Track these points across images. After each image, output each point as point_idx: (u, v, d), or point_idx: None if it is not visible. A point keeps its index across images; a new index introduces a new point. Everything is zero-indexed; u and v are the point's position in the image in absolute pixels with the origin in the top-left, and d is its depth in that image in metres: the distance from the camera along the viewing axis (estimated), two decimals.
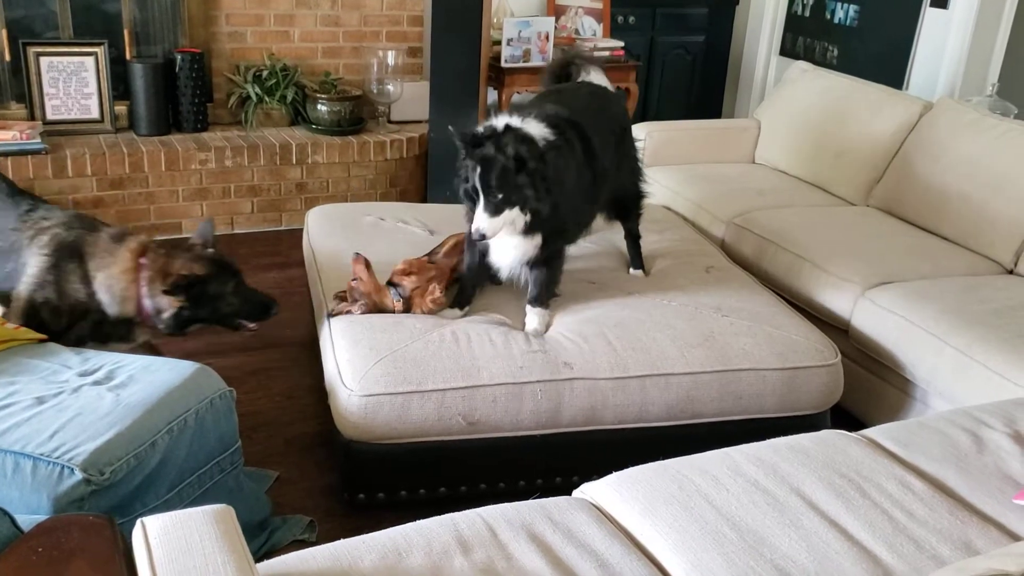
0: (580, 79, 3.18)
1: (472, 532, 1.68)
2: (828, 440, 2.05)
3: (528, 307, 2.71)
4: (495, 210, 2.42)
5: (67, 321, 2.59)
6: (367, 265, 2.67)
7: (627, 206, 3.13)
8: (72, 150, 4.19)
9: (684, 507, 1.78)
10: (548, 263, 2.70)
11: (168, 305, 2.54)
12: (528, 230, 2.54)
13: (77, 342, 2.55)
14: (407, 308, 2.69)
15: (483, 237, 2.46)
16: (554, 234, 2.64)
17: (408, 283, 2.70)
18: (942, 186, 3.52)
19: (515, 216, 2.46)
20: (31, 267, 2.55)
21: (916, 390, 2.89)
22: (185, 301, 2.53)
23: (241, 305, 2.64)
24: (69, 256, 2.56)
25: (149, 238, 2.65)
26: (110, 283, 2.54)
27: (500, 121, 2.46)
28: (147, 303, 2.55)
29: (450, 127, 2.48)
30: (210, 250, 2.65)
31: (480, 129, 2.45)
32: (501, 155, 2.37)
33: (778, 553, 1.66)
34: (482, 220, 2.43)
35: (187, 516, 1.44)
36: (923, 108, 3.83)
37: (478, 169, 2.39)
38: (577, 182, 2.64)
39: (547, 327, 2.69)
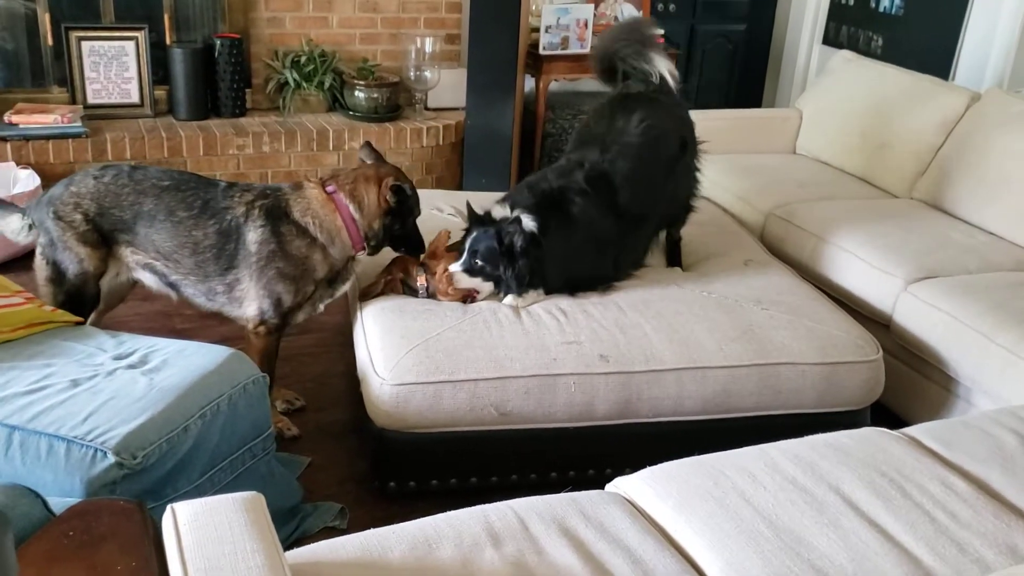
0: (636, 66, 3.08)
1: (503, 524, 1.66)
2: (868, 438, 2.00)
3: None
4: (470, 273, 2.67)
5: (305, 289, 2.64)
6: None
7: (674, 217, 3.13)
8: (112, 134, 4.22)
9: (720, 504, 1.74)
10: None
11: (376, 208, 2.60)
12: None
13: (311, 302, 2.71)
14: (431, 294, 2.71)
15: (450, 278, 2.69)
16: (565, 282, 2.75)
17: (435, 267, 2.72)
18: (989, 179, 3.43)
19: (486, 287, 2.70)
20: (252, 244, 2.58)
21: (959, 388, 2.82)
22: (395, 206, 2.61)
23: (414, 237, 2.73)
24: (279, 218, 2.60)
25: (314, 178, 2.73)
26: (320, 221, 2.60)
27: (504, 210, 2.70)
28: (357, 219, 2.61)
29: (468, 202, 2.81)
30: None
31: (490, 211, 2.72)
32: (495, 236, 2.64)
33: (816, 553, 1.63)
34: (457, 273, 2.67)
35: (217, 503, 1.44)
36: (971, 99, 3.74)
37: (472, 235, 2.68)
38: (581, 248, 2.76)
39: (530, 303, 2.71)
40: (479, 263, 2.65)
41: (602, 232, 2.77)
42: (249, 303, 2.63)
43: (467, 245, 2.67)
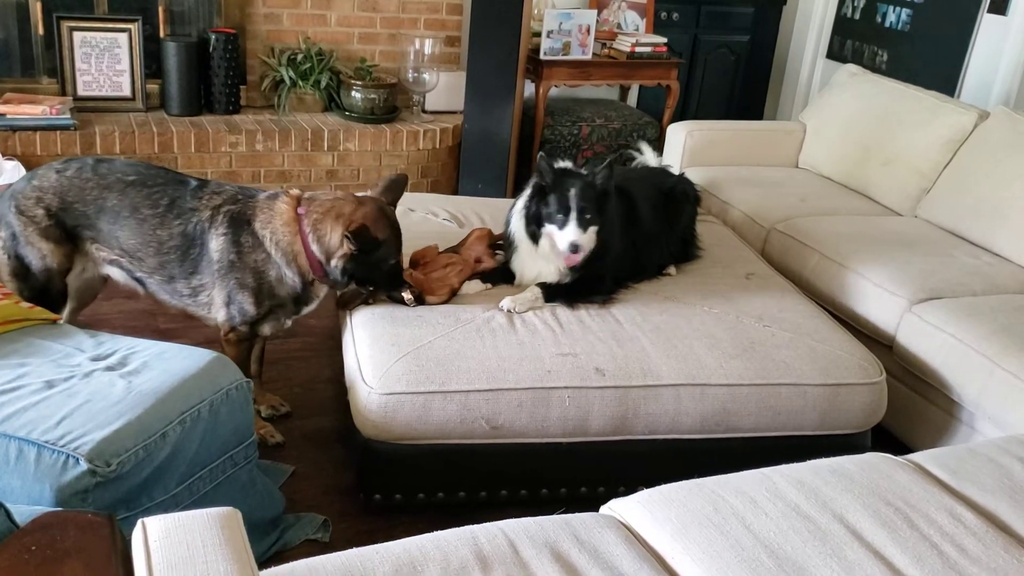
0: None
1: (492, 548, 1.58)
2: (873, 464, 1.93)
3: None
4: (585, 225, 2.60)
5: (268, 304, 2.54)
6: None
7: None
8: (101, 127, 4.13)
9: (720, 531, 1.67)
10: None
11: (337, 248, 2.45)
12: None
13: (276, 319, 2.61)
14: (420, 300, 2.61)
15: (576, 249, 2.59)
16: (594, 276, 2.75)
17: (417, 273, 2.65)
18: (997, 199, 3.37)
19: (591, 238, 2.64)
20: (214, 251, 2.49)
21: (963, 412, 2.75)
22: (355, 251, 2.43)
23: (384, 282, 2.55)
24: (241, 226, 2.49)
25: (300, 192, 2.58)
26: (277, 239, 2.48)
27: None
28: (314, 248, 2.46)
29: (541, 153, 2.74)
30: (391, 208, 2.59)
31: (568, 166, 2.78)
32: (595, 184, 2.65)
33: None
34: (575, 233, 2.59)
35: (190, 519, 1.37)
36: (978, 117, 3.68)
37: (572, 191, 2.60)
38: (620, 231, 2.83)
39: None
40: (587, 215, 2.62)
41: (627, 232, 2.89)
42: (217, 309, 2.55)
43: (572, 204, 2.59)
